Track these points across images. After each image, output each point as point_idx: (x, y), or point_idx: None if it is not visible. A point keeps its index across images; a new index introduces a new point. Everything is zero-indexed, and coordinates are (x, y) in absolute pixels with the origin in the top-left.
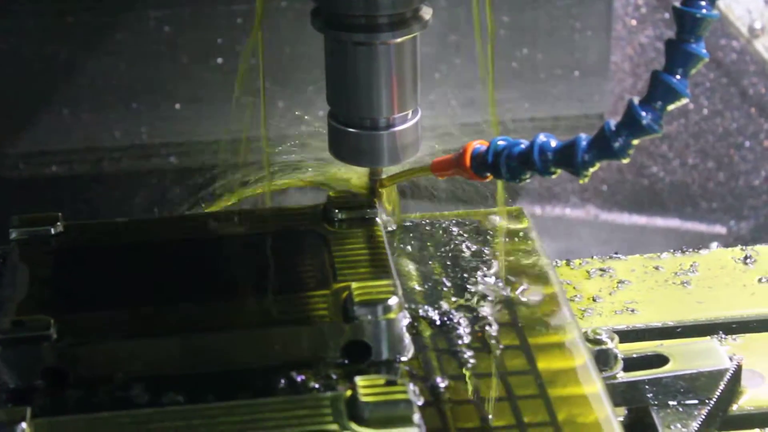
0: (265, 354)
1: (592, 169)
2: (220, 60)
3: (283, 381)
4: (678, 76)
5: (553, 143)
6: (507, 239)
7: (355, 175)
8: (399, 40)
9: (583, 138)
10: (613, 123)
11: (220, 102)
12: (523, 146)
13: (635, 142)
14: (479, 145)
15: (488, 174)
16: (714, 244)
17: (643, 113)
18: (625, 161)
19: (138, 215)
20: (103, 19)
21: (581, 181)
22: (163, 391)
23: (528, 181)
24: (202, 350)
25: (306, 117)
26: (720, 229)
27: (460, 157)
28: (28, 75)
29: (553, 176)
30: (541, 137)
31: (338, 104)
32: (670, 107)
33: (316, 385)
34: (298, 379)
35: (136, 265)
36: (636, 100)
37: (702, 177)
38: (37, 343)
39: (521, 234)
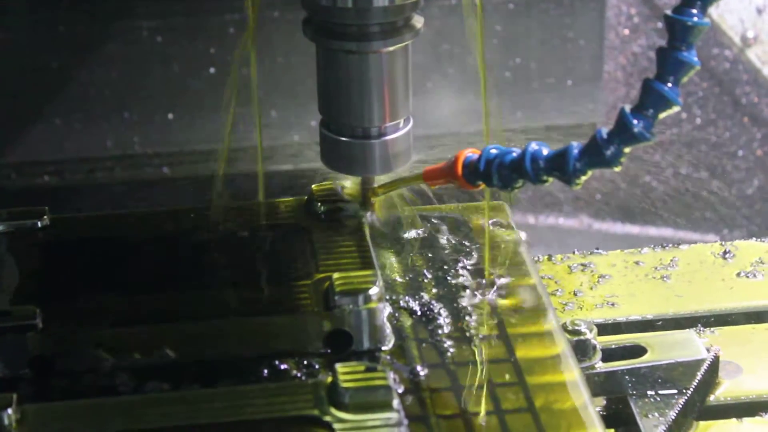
0: (248, 343)
1: (584, 177)
2: (212, 70)
3: (266, 370)
4: (669, 84)
5: (545, 151)
6: (487, 232)
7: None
8: (391, 48)
9: (575, 146)
10: (604, 131)
11: (213, 112)
12: (515, 154)
13: (627, 150)
14: (471, 153)
15: (480, 182)
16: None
17: (635, 121)
18: (617, 169)
19: None
20: (96, 29)
21: (573, 188)
22: (147, 380)
23: (520, 189)
24: (185, 339)
25: (298, 127)
26: (713, 238)
27: (451, 165)
28: (21, 85)
29: (546, 184)
30: (533, 145)
31: (330, 113)
32: (662, 115)
33: (299, 374)
34: (281, 367)
35: (121, 257)
36: (627, 107)
37: (695, 186)
38: (23, 332)
39: (501, 227)
